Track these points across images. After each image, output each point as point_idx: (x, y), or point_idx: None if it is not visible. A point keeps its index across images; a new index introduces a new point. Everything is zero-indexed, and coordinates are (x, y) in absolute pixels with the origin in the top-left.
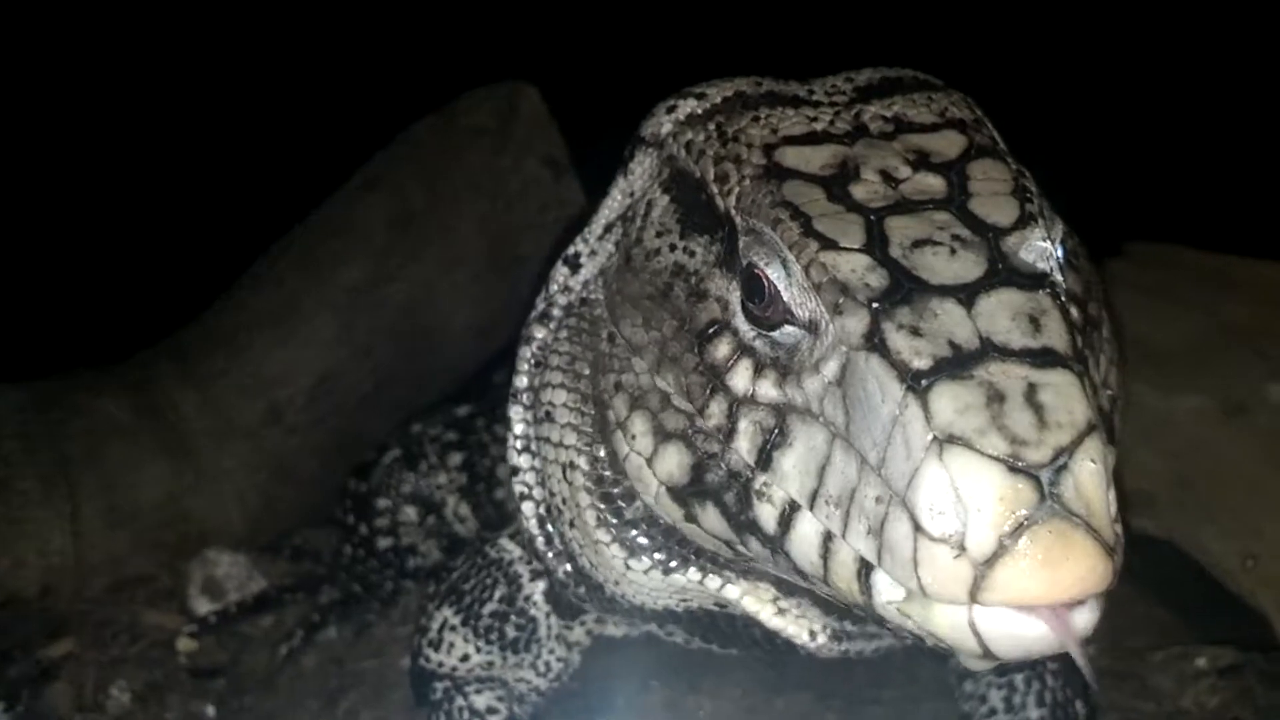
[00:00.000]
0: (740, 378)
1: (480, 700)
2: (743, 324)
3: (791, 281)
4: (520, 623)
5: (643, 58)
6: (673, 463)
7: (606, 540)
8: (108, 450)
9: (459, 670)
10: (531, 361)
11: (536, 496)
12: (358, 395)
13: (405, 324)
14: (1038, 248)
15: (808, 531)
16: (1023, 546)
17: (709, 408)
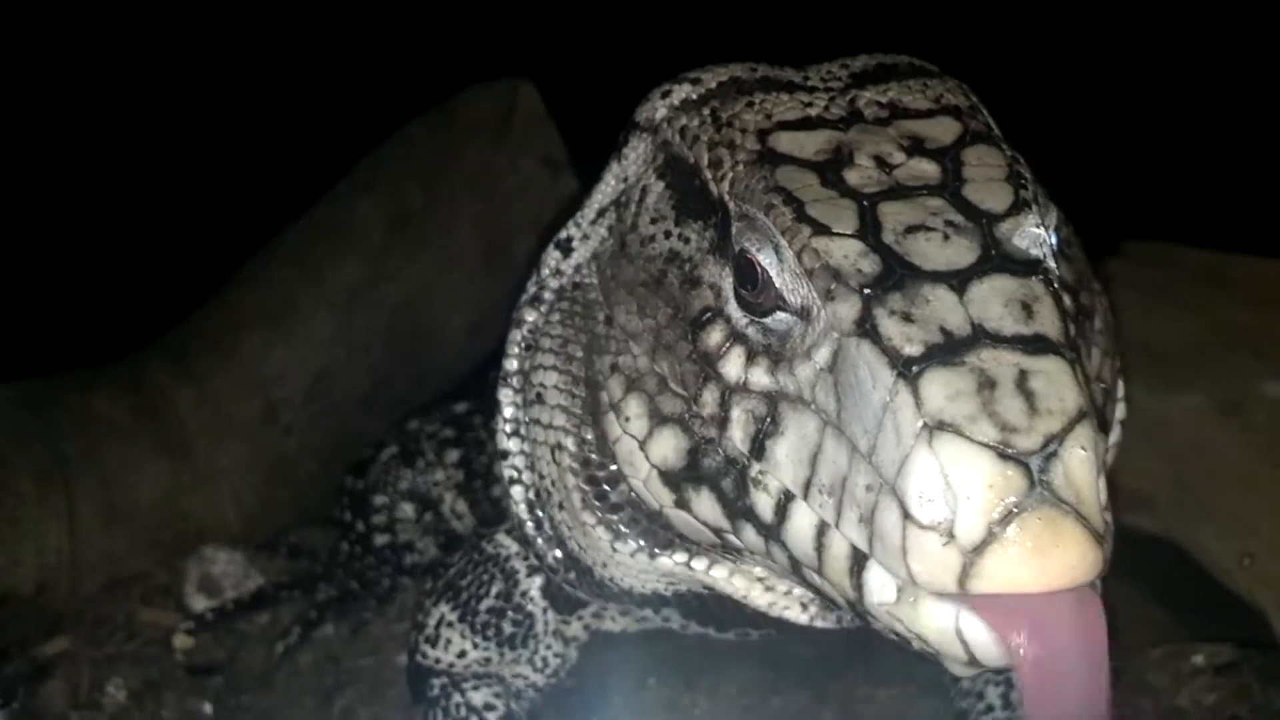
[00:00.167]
0: (733, 365)
1: (477, 696)
2: (735, 311)
3: (784, 267)
4: (517, 618)
5: (641, 56)
6: (668, 446)
7: (592, 522)
8: (104, 449)
9: (456, 667)
10: (522, 345)
11: (526, 480)
12: (354, 395)
13: (402, 323)
14: (1031, 234)
15: (803, 521)
16: (1012, 534)
17: (703, 396)
